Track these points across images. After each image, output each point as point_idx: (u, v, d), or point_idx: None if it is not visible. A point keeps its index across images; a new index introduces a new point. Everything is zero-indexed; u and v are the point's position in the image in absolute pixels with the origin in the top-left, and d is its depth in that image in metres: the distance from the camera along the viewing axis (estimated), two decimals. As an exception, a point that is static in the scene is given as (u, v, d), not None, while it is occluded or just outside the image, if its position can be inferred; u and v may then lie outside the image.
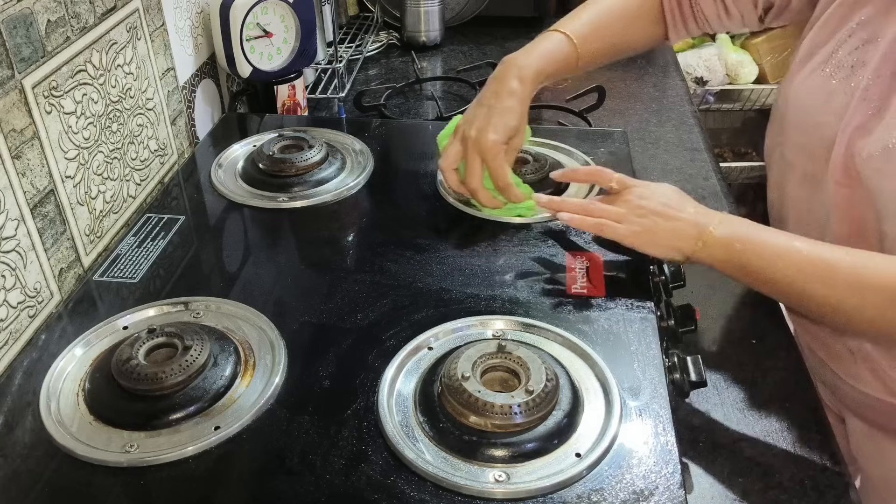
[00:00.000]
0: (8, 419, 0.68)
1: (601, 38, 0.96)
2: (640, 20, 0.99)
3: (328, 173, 1.01)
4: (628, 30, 0.99)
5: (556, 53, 0.93)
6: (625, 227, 0.78)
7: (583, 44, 0.93)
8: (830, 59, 0.81)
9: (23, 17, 0.76)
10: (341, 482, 0.61)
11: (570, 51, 0.93)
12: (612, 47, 0.99)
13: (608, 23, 0.97)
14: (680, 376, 0.71)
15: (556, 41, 0.93)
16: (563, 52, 0.93)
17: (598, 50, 0.97)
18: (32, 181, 0.79)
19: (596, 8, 0.98)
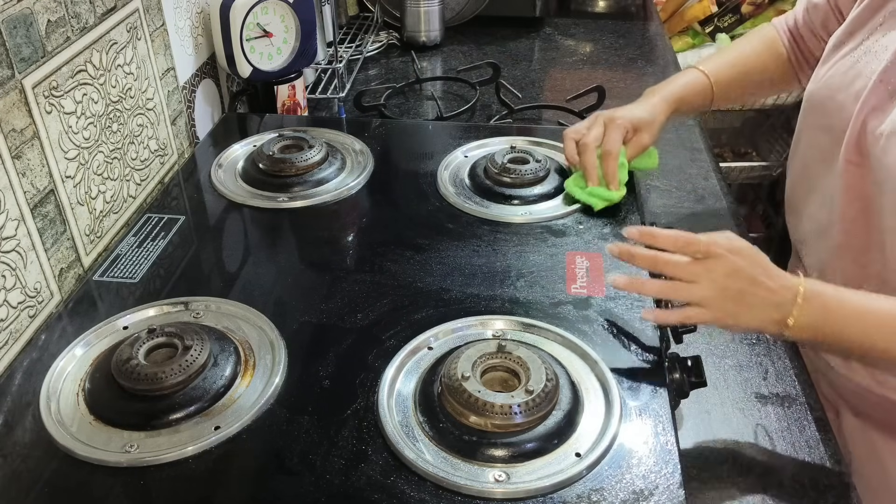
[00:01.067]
0: (8, 419, 0.68)
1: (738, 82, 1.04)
2: (773, 71, 1.04)
3: (328, 173, 1.01)
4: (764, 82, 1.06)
5: (696, 86, 1.01)
6: (711, 314, 0.69)
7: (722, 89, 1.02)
8: (860, 46, 0.83)
9: (23, 17, 0.77)
10: (341, 482, 0.61)
11: (707, 87, 1.01)
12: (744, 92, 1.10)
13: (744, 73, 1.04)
14: (680, 376, 0.71)
15: (695, 77, 1.02)
16: (701, 86, 1.01)
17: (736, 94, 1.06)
18: (32, 181, 0.79)
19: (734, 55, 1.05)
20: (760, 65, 1.04)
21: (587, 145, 0.93)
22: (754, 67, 1.04)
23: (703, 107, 1.03)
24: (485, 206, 0.94)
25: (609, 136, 0.93)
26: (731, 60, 1.04)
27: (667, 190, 1.17)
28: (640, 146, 0.96)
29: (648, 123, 0.96)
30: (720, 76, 1.02)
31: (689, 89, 1.01)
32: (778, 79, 1.05)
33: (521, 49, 1.66)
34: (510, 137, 1.09)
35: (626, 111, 0.96)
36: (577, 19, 1.84)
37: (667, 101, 0.99)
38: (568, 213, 0.93)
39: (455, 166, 1.04)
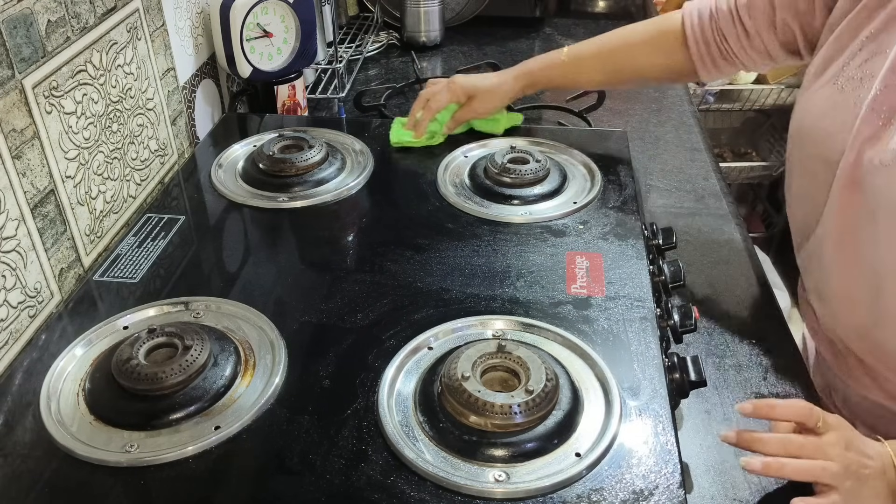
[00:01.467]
0: (8, 419, 0.68)
1: (600, 57, 1.06)
2: (653, 48, 1.02)
3: (328, 173, 1.01)
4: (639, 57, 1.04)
5: (552, 59, 1.07)
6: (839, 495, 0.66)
7: (575, 59, 1.06)
8: (841, 73, 0.81)
9: (23, 17, 0.77)
10: (341, 482, 0.61)
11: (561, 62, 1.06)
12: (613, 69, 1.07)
13: (612, 45, 1.05)
14: (680, 376, 0.71)
15: (555, 53, 1.07)
16: (558, 60, 1.06)
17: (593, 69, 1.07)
18: (33, 181, 0.79)
19: (606, 35, 1.06)
20: (634, 46, 1.04)
21: (419, 97, 1.09)
22: (625, 47, 1.04)
23: (564, 81, 1.09)
24: (485, 206, 0.94)
25: (437, 95, 1.07)
26: (601, 39, 1.06)
27: (667, 190, 1.17)
28: (472, 112, 1.08)
29: (486, 92, 1.07)
30: (579, 52, 1.06)
31: (543, 62, 1.07)
32: (658, 64, 1.03)
33: (521, 49, 1.66)
34: (510, 137, 1.09)
35: (470, 79, 1.08)
36: (577, 19, 1.84)
37: (516, 75, 1.08)
38: (568, 213, 0.93)
39: (455, 166, 1.04)
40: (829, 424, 0.68)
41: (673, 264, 0.85)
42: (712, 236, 1.07)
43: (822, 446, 0.67)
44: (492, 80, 1.08)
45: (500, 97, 1.08)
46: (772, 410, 0.68)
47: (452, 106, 1.08)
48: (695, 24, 0.98)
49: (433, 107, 1.07)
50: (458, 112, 1.08)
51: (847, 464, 0.66)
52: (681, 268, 0.85)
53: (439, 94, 1.07)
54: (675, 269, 0.85)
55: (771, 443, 0.67)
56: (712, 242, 1.05)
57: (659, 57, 1.03)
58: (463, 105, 1.08)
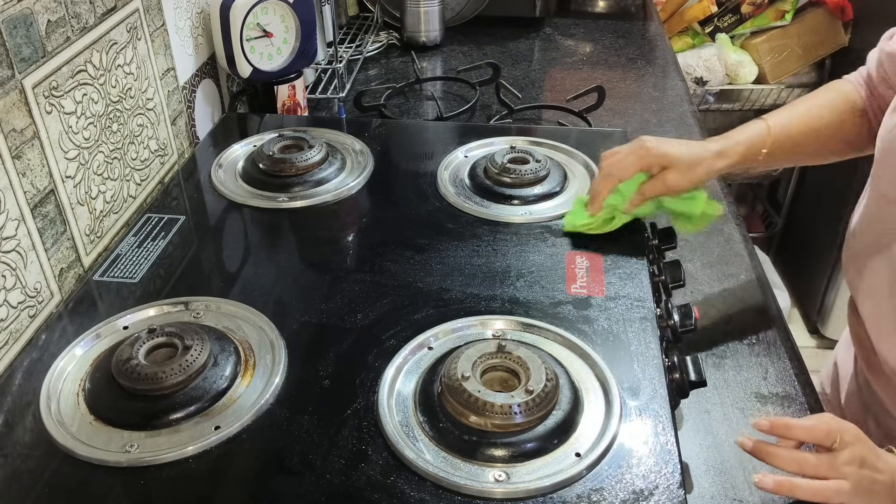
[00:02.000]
0: (8, 419, 0.68)
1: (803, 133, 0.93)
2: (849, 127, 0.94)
3: (328, 173, 1.01)
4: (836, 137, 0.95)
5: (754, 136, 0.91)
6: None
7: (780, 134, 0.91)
8: None
9: (23, 17, 0.77)
10: (341, 482, 0.61)
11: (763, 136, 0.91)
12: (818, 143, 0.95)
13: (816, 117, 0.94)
14: (680, 376, 0.71)
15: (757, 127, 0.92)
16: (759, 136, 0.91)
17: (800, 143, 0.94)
18: (33, 181, 0.79)
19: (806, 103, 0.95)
20: (835, 119, 0.93)
21: (600, 169, 0.90)
22: (828, 122, 0.93)
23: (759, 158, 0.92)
24: (485, 206, 0.94)
25: (621, 161, 0.88)
26: (800, 113, 0.94)
27: (667, 190, 1.17)
28: (664, 186, 0.87)
29: (685, 164, 0.87)
30: (781, 127, 0.91)
31: (749, 140, 0.90)
32: (854, 135, 0.94)
33: (521, 49, 1.66)
34: (510, 137, 1.09)
35: (664, 145, 0.88)
36: (577, 19, 1.84)
37: (721, 152, 0.89)
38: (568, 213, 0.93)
39: (455, 166, 1.04)
40: (845, 442, 0.67)
41: (673, 264, 0.85)
42: (712, 236, 1.07)
43: (836, 466, 0.66)
44: (693, 150, 0.88)
45: (701, 173, 0.88)
46: (788, 430, 0.67)
47: (640, 176, 0.88)
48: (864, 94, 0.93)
49: (616, 174, 0.88)
50: (647, 184, 0.88)
51: (859, 481, 0.66)
52: (681, 268, 0.85)
53: (624, 160, 0.88)
54: (675, 269, 0.85)
55: (786, 460, 0.66)
56: (712, 242, 1.05)
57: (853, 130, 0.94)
58: (653, 176, 0.88)
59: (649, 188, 0.87)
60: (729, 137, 0.90)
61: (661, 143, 0.88)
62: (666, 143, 0.89)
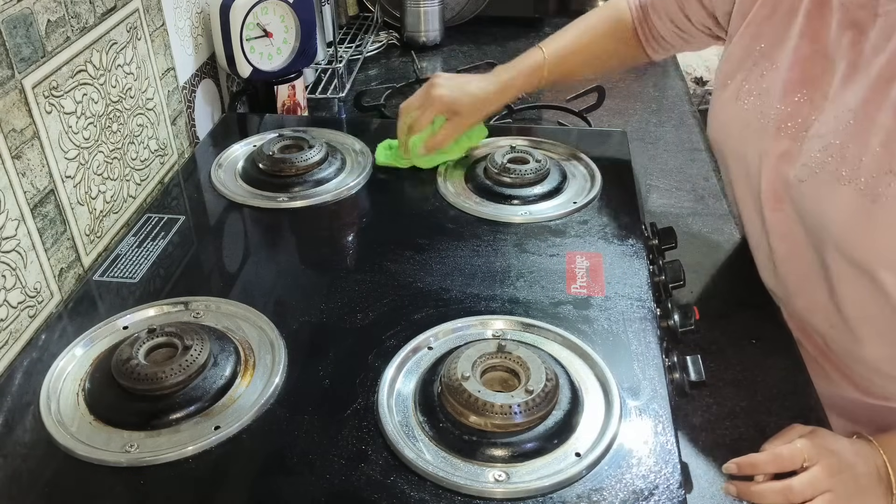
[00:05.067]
0: (8, 419, 0.68)
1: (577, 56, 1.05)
2: (615, 43, 1.05)
3: (328, 173, 1.01)
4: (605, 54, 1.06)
5: (532, 68, 1.03)
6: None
7: (558, 59, 1.03)
8: (742, 88, 0.83)
9: (23, 17, 0.77)
10: (341, 482, 0.61)
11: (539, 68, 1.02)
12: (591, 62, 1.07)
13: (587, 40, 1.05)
14: (680, 376, 0.71)
15: (535, 55, 1.03)
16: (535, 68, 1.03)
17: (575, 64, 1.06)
18: (32, 181, 0.79)
19: (576, 28, 1.06)
20: (602, 38, 1.05)
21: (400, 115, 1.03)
22: (595, 41, 1.05)
23: (546, 84, 1.05)
24: (485, 206, 0.94)
25: (421, 114, 1.00)
26: (572, 37, 1.05)
27: (667, 190, 1.17)
28: (457, 130, 1.00)
29: (471, 107, 1.00)
30: (558, 51, 1.03)
31: (526, 68, 1.03)
32: (622, 53, 1.06)
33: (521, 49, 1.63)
34: (510, 137, 1.09)
35: (452, 92, 0.99)
36: (576, 19, 1.84)
37: (502, 88, 1.01)
38: (568, 213, 0.93)
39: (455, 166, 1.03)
40: (815, 455, 0.69)
41: (673, 264, 0.86)
42: (712, 236, 1.07)
43: (817, 482, 0.68)
44: (476, 91, 1.00)
45: (488, 111, 1.02)
46: (755, 468, 0.70)
47: (439, 119, 1.00)
48: (635, 11, 1.02)
49: (415, 126, 1.00)
50: (442, 131, 1.00)
51: (844, 486, 0.68)
52: (681, 268, 0.85)
53: (421, 116, 1.00)
54: (675, 269, 0.85)
55: (772, 495, 0.68)
56: (712, 242, 1.05)
57: (619, 45, 1.05)
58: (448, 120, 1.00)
59: (443, 135, 1.00)
60: (509, 69, 1.03)
61: (449, 91, 0.99)
62: (454, 88, 1.00)
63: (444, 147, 1.01)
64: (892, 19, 0.70)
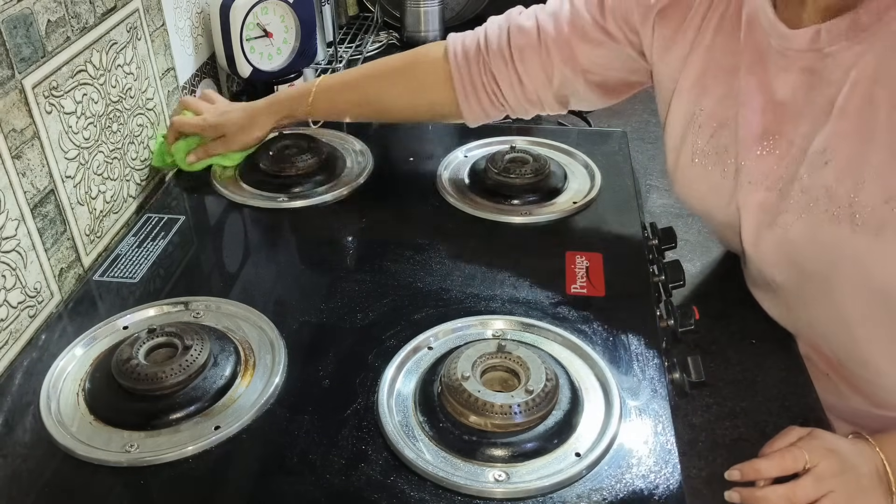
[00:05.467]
0: (8, 419, 0.68)
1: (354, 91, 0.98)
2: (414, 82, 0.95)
3: (328, 173, 1.01)
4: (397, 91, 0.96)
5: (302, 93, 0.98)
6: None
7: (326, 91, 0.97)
8: (695, 151, 0.82)
9: (23, 17, 0.77)
10: (341, 482, 0.61)
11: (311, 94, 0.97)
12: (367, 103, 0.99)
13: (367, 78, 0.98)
14: (680, 376, 0.71)
15: (308, 85, 0.99)
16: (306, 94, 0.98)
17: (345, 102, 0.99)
18: (32, 181, 0.79)
19: (366, 66, 1.00)
20: (390, 74, 0.96)
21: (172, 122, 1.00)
22: (380, 80, 0.97)
23: (316, 114, 1.00)
24: (485, 207, 0.94)
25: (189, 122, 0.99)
26: (356, 70, 1.00)
27: (667, 190, 1.17)
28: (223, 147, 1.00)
29: (238, 132, 0.99)
30: (330, 84, 0.98)
31: (295, 94, 0.99)
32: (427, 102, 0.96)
33: (521, 49, 1.66)
34: (510, 137, 1.09)
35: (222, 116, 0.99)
36: (577, 19, 1.83)
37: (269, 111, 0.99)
38: (568, 213, 0.93)
39: (455, 166, 1.03)
40: (817, 457, 0.68)
41: (673, 264, 0.85)
42: (712, 236, 1.07)
43: (821, 482, 0.68)
44: (241, 117, 0.98)
45: (253, 136, 0.99)
46: (758, 473, 0.69)
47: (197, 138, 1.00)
48: (459, 59, 0.91)
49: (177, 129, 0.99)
50: (209, 145, 1.00)
51: (847, 485, 0.68)
52: (681, 268, 0.85)
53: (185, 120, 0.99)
54: (675, 269, 0.85)
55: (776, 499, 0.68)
56: (712, 242, 1.05)
57: (417, 92, 0.95)
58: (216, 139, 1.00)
59: (210, 147, 1.00)
60: (278, 94, 1.01)
61: (220, 115, 0.99)
62: (224, 113, 0.99)
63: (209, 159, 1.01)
64: (840, 58, 0.69)
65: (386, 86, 0.97)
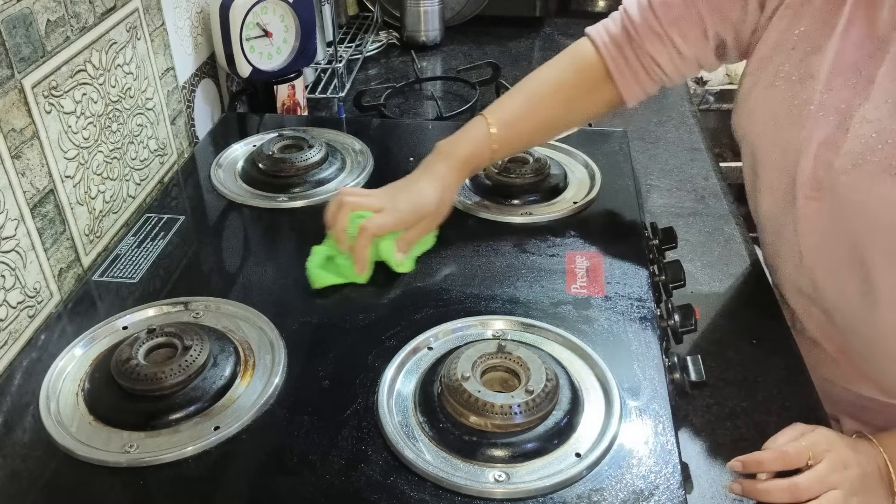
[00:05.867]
0: (8, 419, 0.68)
1: (533, 117, 0.91)
2: (578, 89, 0.91)
3: (328, 173, 1.01)
4: (570, 104, 0.92)
5: (478, 141, 0.88)
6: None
7: (504, 130, 0.88)
8: (778, 74, 0.80)
9: (22, 16, 0.76)
10: (341, 482, 0.61)
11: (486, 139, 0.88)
12: (548, 125, 0.93)
13: (539, 100, 0.91)
14: (680, 376, 0.71)
15: (479, 126, 0.89)
16: (482, 140, 0.88)
17: (528, 132, 0.91)
18: (32, 181, 0.79)
19: (528, 88, 0.92)
20: (561, 87, 0.91)
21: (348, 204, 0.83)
22: (553, 92, 0.91)
23: (488, 161, 0.91)
24: (485, 206, 0.94)
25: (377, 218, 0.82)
26: (523, 94, 0.92)
27: (667, 190, 1.17)
28: (423, 231, 0.86)
29: (438, 208, 0.85)
30: (507, 118, 0.89)
31: (473, 144, 0.88)
32: (587, 99, 0.92)
33: (521, 49, 1.66)
34: (510, 137, 1.09)
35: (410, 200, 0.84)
36: (577, 19, 1.84)
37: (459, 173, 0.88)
38: (568, 213, 0.93)
39: (455, 166, 1.03)
40: (820, 453, 0.68)
41: (673, 264, 0.85)
42: (712, 236, 1.07)
43: (824, 479, 0.67)
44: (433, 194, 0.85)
45: (448, 208, 0.88)
46: (761, 466, 0.69)
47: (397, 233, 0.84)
48: (612, 49, 0.89)
49: (369, 230, 0.81)
50: (409, 233, 0.84)
51: (849, 482, 0.67)
52: (681, 268, 0.85)
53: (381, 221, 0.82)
54: (676, 269, 0.85)
55: (779, 493, 0.67)
56: (712, 242, 1.05)
57: (585, 97, 0.92)
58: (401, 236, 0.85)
59: (412, 237, 0.84)
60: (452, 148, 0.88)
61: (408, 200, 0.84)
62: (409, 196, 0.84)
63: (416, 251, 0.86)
64: None
65: (557, 104, 0.92)
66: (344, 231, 0.81)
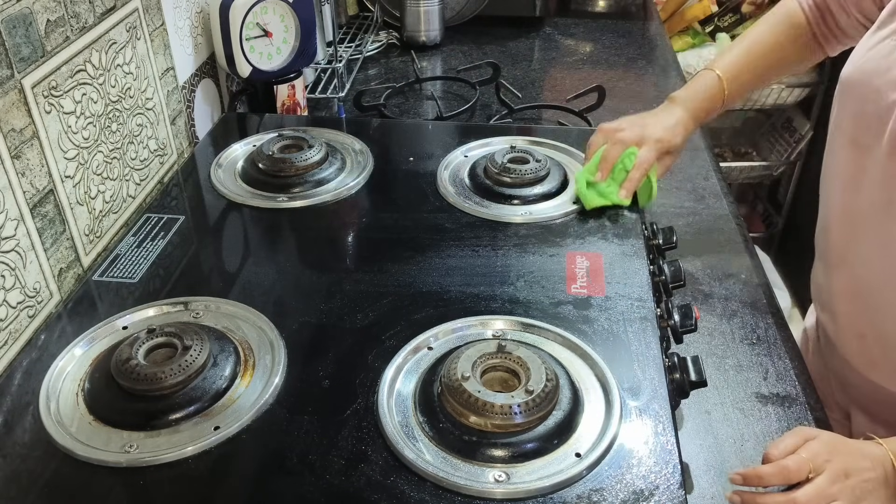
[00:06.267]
0: (8, 419, 0.68)
1: (752, 71, 1.03)
2: (791, 47, 1.03)
3: (328, 173, 1.01)
4: (782, 60, 1.04)
5: (712, 90, 1.01)
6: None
7: (731, 84, 1.00)
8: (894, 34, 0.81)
9: (22, 16, 0.76)
10: (341, 482, 0.61)
11: (719, 89, 1.00)
12: (762, 79, 1.07)
13: (760, 56, 1.03)
14: (680, 376, 0.71)
15: (711, 80, 1.01)
16: (717, 89, 1.00)
17: (749, 84, 1.04)
18: (32, 181, 0.79)
19: (746, 45, 1.04)
20: (777, 46, 1.03)
21: (621, 140, 0.96)
22: (770, 50, 1.03)
23: (718, 110, 1.03)
24: (485, 206, 0.94)
25: (645, 152, 0.95)
26: (744, 51, 1.03)
27: (667, 190, 1.17)
28: (666, 168, 0.99)
29: (677, 147, 0.99)
30: (733, 71, 1.01)
31: (706, 93, 1.01)
32: (797, 56, 1.04)
33: (521, 49, 1.66)
34: (510, 137, 1.09)
35: (660, 132, 0.97)
36: (577, 19, 1.84)
37: (694, 119, 1.00)
38: (568, 213, 0.93)
39: (455, 166, 1.03)
40: (821, 465, 0.67)
41: (673, 264, 0.85)
42: (712, 236, 1.07)
43: (825, 492, 0.66)
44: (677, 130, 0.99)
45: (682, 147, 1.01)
46: (761, 480, 0.68)
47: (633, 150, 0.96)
48: (816, 15, 0.99)
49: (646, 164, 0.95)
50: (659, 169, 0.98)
51: (851, 492, 0.66)
52: (681, 268, 0.85)
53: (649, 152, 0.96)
54: (675, 269, 0.85)
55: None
56: (712, 243, 1.05)
57: (795, 50, 1.03)
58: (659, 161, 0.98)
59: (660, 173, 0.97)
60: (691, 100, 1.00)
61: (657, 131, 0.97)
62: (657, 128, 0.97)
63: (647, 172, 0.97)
64: None
65: (773, 61, 1.03)
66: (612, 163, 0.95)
